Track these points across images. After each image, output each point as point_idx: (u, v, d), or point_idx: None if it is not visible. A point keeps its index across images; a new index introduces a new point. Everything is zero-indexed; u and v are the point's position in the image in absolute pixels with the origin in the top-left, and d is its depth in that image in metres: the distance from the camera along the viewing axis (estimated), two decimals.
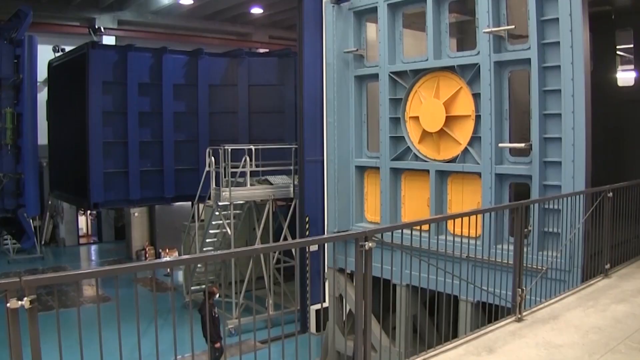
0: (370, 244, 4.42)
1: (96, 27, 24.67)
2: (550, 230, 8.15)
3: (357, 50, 11.19)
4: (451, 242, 5.66)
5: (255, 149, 15.48)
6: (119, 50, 19.25)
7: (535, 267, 7.14)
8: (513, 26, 8.81)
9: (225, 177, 15.08)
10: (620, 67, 13.47)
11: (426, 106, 10.02)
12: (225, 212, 15.65)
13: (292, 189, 16.06)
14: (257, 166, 15.76)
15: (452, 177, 9.93)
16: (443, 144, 9.93)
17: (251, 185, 15.68)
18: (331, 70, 11.50)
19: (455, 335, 5.70)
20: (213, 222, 16.12)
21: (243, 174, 15.37)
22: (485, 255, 7.72)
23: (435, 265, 5.74)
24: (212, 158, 15.28)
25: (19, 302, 2.95)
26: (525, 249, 7.68)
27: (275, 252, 15.74)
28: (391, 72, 10.53)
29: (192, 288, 16.21)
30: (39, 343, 3.07)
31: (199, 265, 16.24)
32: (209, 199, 15.94)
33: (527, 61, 8.50)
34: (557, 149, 8.25)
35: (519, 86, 9.65)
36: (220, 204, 15.36)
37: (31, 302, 2.98)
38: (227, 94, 20.54)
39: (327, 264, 11.88)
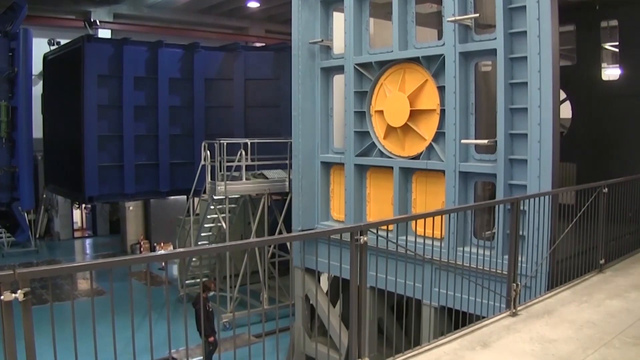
0: (365, 238, 4.39)
1: (92, 20, 24.52)
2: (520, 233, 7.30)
3: (322, 40, 10.76)
4: (414, 243, 5.31)
5: (250, 143, 15.42)
6: (115, 43, 19.12)
7: (500, 272, 6.31)
8: (477, 14, 8.30)
9: (220, 171, 15.04)
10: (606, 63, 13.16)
11: (391, 100, 9.58)
12: (220, 206, 15.63)
13: (287, 183, 16.03)
14: (252, 160, 15.69)
15: (417, 175, 9.46)
16: (408, 140, 9.50)
17: (247, 179, 15.64)
18: (297, 61, 11.02)
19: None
20: (208, 216, 16.11)
21: (238, 168, 15.33)
22: (451, 258, 7.35)
23: (403, 266, 5.42)
24: (208, 152, 15.23)
25: (13, 295, 2.93)
26: (489, 253, 7.43)
27: (270, 246, 15.73)
28: (356, 64, 10.10)
29: (187, 282, 16.22)
30: (33, 336, 3.06)
31: (193, 259, 16.24)
32: (204, 193, 15.92)
33: (494, 52, 8.00)
34: (524, 146, 7.74)
35: (494, 80, 9.33)
36: (215, 198, 15.33)
37: (25, 295, 2.96)
38: (223, 88, 20.47)
39: (294, 263, 11.40)
